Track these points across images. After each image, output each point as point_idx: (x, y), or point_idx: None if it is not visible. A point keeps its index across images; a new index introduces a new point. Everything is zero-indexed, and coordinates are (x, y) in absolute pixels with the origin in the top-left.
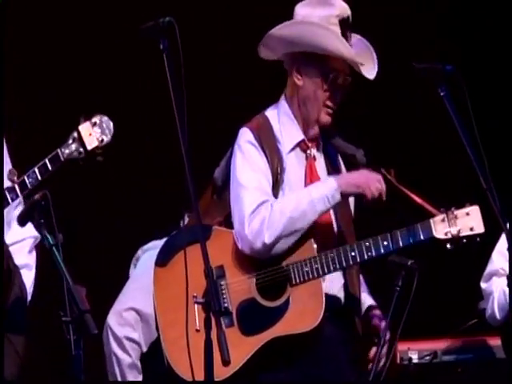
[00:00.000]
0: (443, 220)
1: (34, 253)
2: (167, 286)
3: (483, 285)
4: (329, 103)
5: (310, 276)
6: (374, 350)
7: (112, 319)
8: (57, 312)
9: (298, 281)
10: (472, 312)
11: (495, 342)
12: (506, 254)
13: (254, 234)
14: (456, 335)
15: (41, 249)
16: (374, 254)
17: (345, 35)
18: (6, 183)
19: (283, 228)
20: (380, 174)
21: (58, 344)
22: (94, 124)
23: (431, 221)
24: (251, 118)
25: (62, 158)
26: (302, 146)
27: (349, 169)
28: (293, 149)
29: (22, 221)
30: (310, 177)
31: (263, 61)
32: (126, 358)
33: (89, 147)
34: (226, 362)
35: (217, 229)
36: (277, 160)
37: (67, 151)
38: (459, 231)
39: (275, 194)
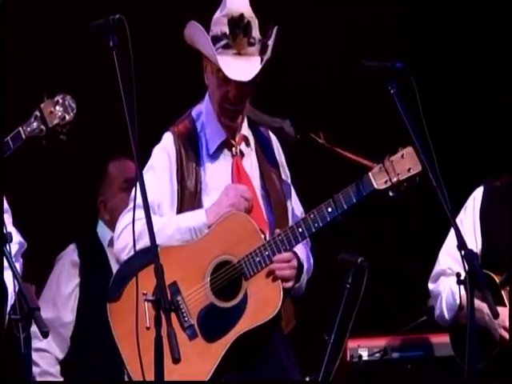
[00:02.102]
0: (380, 170)
1: (20, 259)
2: (123, 319)
3: (431, 285)
4: (223, 103)
5: (263, 265)
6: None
7: None
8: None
9: (252, 273)
10: (421, 309)
11: (444, 339)
12: (453, 253)
13: (119, 248)
14: (405, 332)
15: None
16: (320, 223)
17: (234, 34)
18: None
19: (134, 244)
20: (310, 137)
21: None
22: (57, 102)
23: (370, 174)
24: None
25: (24, 136)
26: (227, 144)
27: (282, 142)
28: (217, 149)
29: None
30: (237, 176)
31: None
32: (33, 368)
33: (50, 125)
34: (176, 360)
35: (162, 247)
36: (195, 166)
37: (29, 129)
38: (398, 176)
39: (198, 201)
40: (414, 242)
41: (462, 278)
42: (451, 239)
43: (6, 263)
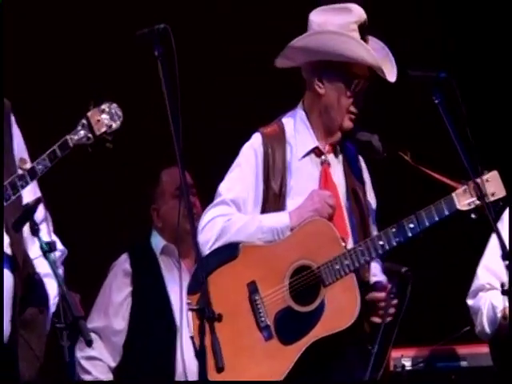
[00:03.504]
0: (465, 191)
1: (61, 267)
2: None
3: (470, 301)
4: (352, 109)
5: (342, 273)
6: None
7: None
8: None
9: (330, 281)
10: (465, 319)
11: (487, 349)
12: (492, 268)
13: (201, 242)
14: (449, 342)
15: None
16: (401, 238)
17: (364, 40)
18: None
19: (217, 239)
20: (397, 155)
21: (52, 350)
22: (103, 111)
23: (453, 194)
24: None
25: (71, 144)
26: (316, 152)
27: (367, 157)
28: (305, 155)
29: (16, 227)
30: (325, 183)
31: (272, 67)
32: (85, 377)
33: (97, 133)
34: (220, 369)
35: (244, 245)
36: (282, 168)
37: (76, 137)
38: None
39: (282, 203)
40: (457, 252)
41: (506, 288)
42: (490, 253)
43: (49, 271)
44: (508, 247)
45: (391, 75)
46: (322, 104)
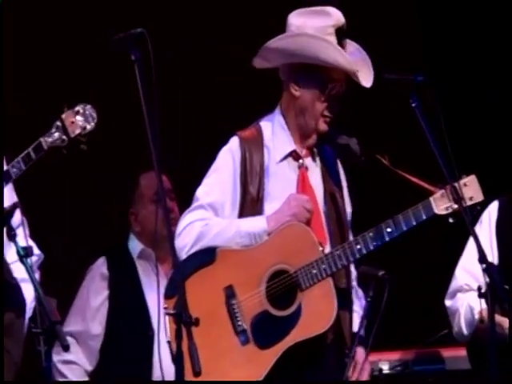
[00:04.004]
0: (442, 195)
1: (37, 271)
2: None
3: (448, 302)
4: (326, 113)
5: (319, 277)
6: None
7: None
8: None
9: (307, 285)
10: (443, 323)
11: (465, 352)
12: (470, 269)
13: (179, 246)
14: (427, 346)
15: None
16: (379, 242)
17: (341, 44)
18: None
19: (194, 243)
20: (375, 159)
21: (28, 355)
22: (77, 112)
23: (431, 199)
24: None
25: (46, 147)
26: (293, 156)
27: (345, 160)
28: (283, 159)
29: None
30: (302, 187)
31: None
32: (62, 380)
33: (71, 135)
34: (197, 374)
35: (221, 250)
36: (259, 172)
37: (50, 139)
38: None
39: (260, 207)
40: (434, 255)
41: (483, 291)
42: (468, 255)
43: (26, 276)
44: (485, 250)
45: (367, 80)
46: (297, 107)
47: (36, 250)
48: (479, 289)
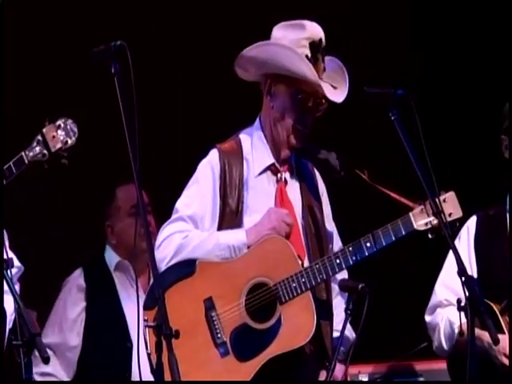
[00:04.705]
0: (422, 211)
1: (17, 283)
2: None
3: (427, 318)
4: (298, 126)
5: (299, 291)
6: (323, 373)
7: None
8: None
9: (287, 298)
10: (422, 335)
11: (444, 365)
12: (449, 284)
13: (159, 258)
14: (406, 358)
15: None
16: (358, 257)
17: (315, 57)
18: None
19: (174, 255)
20: (355, 174)
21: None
22: (58, 127)
23: (410, 214)
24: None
25: (26, 161)
26: (272, 169)
27: (325, 175)
28: (262, 172)
29: None
30: (281, 201)
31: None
32: None
33: (52, 149)
34: None
35: (200, 262)
36: (238, 185)
37: (31, 154)
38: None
39: (239, 220)
40: (414, 269)
41: (463, 304)
42: (447, 270)
43: (6, 288)
44: (465, 263)
45: (337, 96)
46: (271, 118)
47: (16, 262)
48: (459, 302)
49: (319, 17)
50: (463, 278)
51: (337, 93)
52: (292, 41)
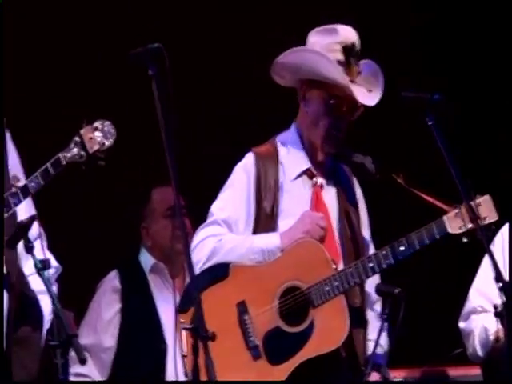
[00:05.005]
0: (456, 215)
1: (55, 284)
2: None
3: (462, 324)
4: (332, 131)
5: (331, 295)
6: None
7: None
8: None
9: (319, 302)
10: (456, 341)
11: (479, 371)
12: (484, 290)
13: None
14: (440, 364)
15: None
16: (392, 261)
17: (348, 61)
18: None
19: (208, 259)
20: (390, 177)
21: (46, 368)
22: (96, 128)
23: (444, 218)
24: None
25: (64, 162)
26: (308, 174)
27: (361, 178)
28: (298, 177)
29: (10, 244)
30: (316, 205)
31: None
32: None
33: (90, 151)
34: None
35: (234, 266)
36: (274, 189)
37: (68, 155)
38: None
39: (274, 223)
40: (448, 273)
41: (499, 310)
42: (481, 276)
43: (43, 288)
44: (501, 269)
45: (370, 99)
46: (307, 122)
47: (54, 262)
48: (495, 307)
49: (319, 17)
50: (500, 284)
51: (370, 96)
52: (324, 46)
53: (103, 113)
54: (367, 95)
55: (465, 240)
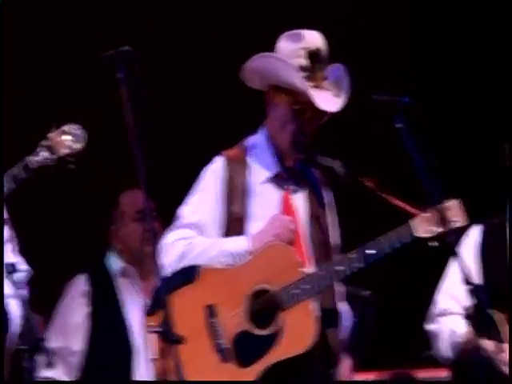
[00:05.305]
0: (425, 219)
1: (26, 287)
2: None
3: (430, 326)
4: (297, 136)
5: (299, 298)
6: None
7: None
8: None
9: (288, 304)
10: (425, 343)
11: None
12: (452, 293)
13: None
14: (410, 366)
15: None
16: (361, 264)
17: (313, 67)
18: None
19: (177, 262)
20: (359, 181)
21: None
22: (64, 132)
23: (413, 221)
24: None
25: (32, 166)
26: (277, 178)
27: (330, 182)
28: (267, 181)
29: None
30: (285, 209)
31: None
32: None
33: (58, 154)
34: None
35: (203, 268)
36: (243, 192)
37: (35, 159)
38: (441, 227)
39: (243, 227)
40: (415, 276)
41: (468, 312)
42: (450, 279)
43: (11, 292)
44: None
45: (331, 104)
46: (274, 127)
47: (25, 266)
48: (466, 310)
49: (319, 17)
50: (469, 286)
51: (334, 101)
52: (289, 51)
53: (73, 116)
54: (330, 100)
55: (433, 244)
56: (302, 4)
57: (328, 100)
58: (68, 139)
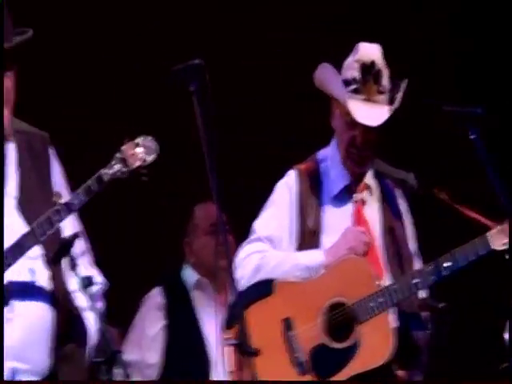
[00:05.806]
0: (500, 231)
1: (102, 300)
2: None
3: (507, 335)
4: (350, 149)
5: (376, 311)
6: None
7: None
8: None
9: (364, 318)
10: (502, 355)
11: None
12: None
13: (237, 278)
14: (486, 379)
15: None
16: (436, 277)
17: (364, 79)
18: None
19: (252, 275)
20: (432, 193)
21: None
22: (137, 144)
23: (488, 234)
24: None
25: (106, 179)
26: (349, 190)
27: (404, 194)
28: (339, 193)
29: (54, 261)
30: (357, 221)
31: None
32: None
33: (132, 166)
34: None
35: (279, 282)
36: (316, 206)
37: (110, 171)
38: None
39: (317, 240)
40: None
41: None
42: None
43: (88, 305)
44: None
45: (372, 118)
46: (338, 139)
47: (100, 278)
48: None
49: (319, 17)
50: None
51: (378, 115)
52: (345, 63)
53: (146, 128)
54: (373, 114)
55: (508, 257)
56: (302, 5)
57: (371, 114)
58: (141, 151)
